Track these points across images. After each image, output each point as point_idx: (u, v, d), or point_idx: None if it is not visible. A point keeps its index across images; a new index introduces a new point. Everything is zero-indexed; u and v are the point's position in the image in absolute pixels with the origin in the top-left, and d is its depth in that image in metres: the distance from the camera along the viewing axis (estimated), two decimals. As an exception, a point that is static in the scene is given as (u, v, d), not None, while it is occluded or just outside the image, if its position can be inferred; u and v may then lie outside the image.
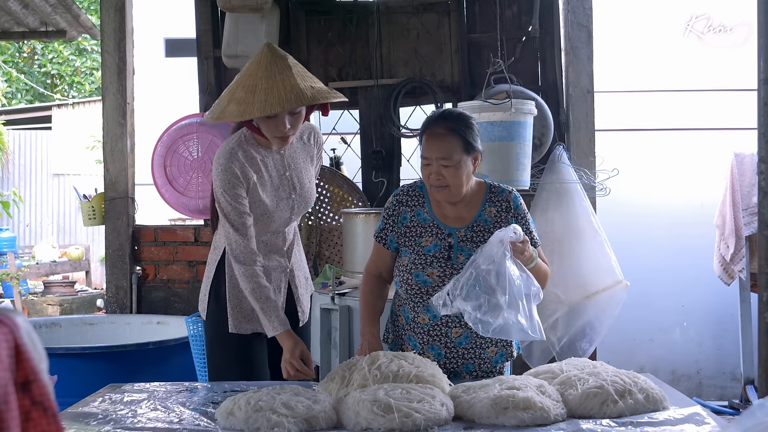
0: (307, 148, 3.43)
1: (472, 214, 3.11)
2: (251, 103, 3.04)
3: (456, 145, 3.01)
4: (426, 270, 3.06)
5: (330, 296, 4.21)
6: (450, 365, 3.08)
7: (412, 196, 3.17)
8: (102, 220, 5.64)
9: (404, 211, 3.14)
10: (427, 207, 3.13)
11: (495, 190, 3.15)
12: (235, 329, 3.30)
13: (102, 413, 2.58)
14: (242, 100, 3.06)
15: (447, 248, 3.06)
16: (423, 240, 3.09)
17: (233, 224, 3.18)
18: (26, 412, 1.24)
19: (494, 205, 3.12)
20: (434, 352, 3.08)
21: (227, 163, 3.17)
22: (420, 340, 3.10)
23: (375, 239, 3.22)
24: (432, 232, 3.09)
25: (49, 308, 9.35)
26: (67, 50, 18.90)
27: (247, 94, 3.06)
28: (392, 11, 5.58)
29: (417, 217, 3.13)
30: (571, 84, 5.34)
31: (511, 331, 2.78)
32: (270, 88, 3.05)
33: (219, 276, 3.35)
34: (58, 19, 6.94)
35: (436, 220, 3.10)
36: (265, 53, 3.13)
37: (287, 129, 3.13)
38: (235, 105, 3.07)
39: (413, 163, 5.60)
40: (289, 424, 2.33)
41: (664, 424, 2.40)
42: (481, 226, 3.08)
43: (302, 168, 3.38)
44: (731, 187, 5.79)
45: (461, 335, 3.05)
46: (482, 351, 3.09)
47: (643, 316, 6.40)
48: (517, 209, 3.12)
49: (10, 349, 1.23)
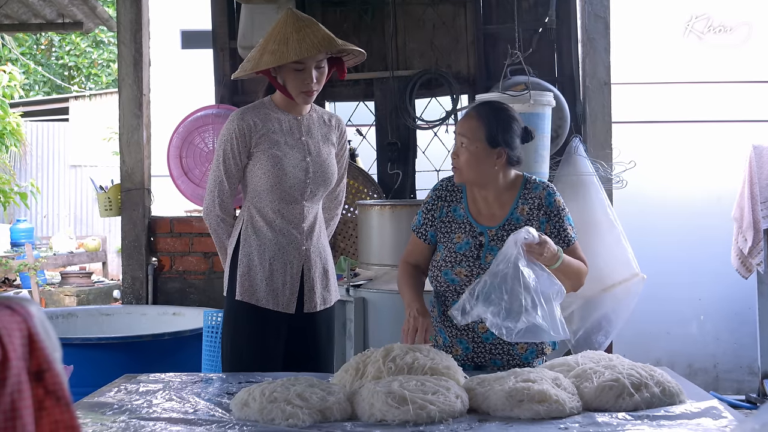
0: (327, 128, 3.49)
1: (504, 212, 3.08)
2: (285, 51, 3.21)
3: (478, 130, 3.01)
4: (454, 268, 3.04)
5: (345, 288, 4.21)
6: (478, 359, 3.07)
7: (451, 191, 3.16)
8: (118, 211, 5.65)
9: (442, 205, 3.14)
10: (464, 203, 3.11)
11: (530, 186, 3.11)
12: (240, 297, 3.33)
13: (117, 403, 2.59)
14: (276, 50, 3.23)
15: (477, 247, 3.04)
16: (455, 236, 3.07)
17: (211, 178, 3.41)
18: (39, 401, 1.24)
19: (527, 203, 3.08)
20: (462, 346, 3.08)
21: (230, 122, 3.36)
22: (449, 333, 3.10)
23: (413, 232, 3.20)
24: (464, 230, 3.07)
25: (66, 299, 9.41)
26: (84, 42, 18.97)
27: (280, 45, 3.23)
28: (408, 2, 5.56)
29: (453, 212, 3.11)
30: (587, 75, 5.31)
31: (535, 334, 2.76)
32: (302, 38, 3.23)
33: (236, 249, 3.39)
34: (75, 10, 6.97)
35: (470, 217, 3.08)
36: (290, 15, 3.32)
37: (313, 82, 3.27)
38: (269, 55, 3.24)
39: (428, 154, 5.59)
40: (304, 415, 2.33)
41: (680, 417, 2.37)
42: (513, 225, 3.04)
43: (320, 141, 3.44)
44: (749, 180, 5.74)
45: (488, 330, 3.02)
46: (511, 347, 3.05)
47: (660, 310, 6.36)
48: (549, 206, 3.07)
49: (24, 338, 1.23)
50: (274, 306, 3.34)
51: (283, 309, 3.36)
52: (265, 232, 3.35)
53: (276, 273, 3.35)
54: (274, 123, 3.36)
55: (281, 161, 3.31)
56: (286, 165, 3.32)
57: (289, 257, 3.38)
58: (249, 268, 3.35)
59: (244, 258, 3.35)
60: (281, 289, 3.35)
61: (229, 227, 3.44)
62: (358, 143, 5.70)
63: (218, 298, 4.84)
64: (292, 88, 3.30)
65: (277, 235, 3.35)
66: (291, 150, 3.34)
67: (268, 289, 3.34)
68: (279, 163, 3.31)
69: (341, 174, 3.61)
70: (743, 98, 6.52)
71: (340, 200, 3.69)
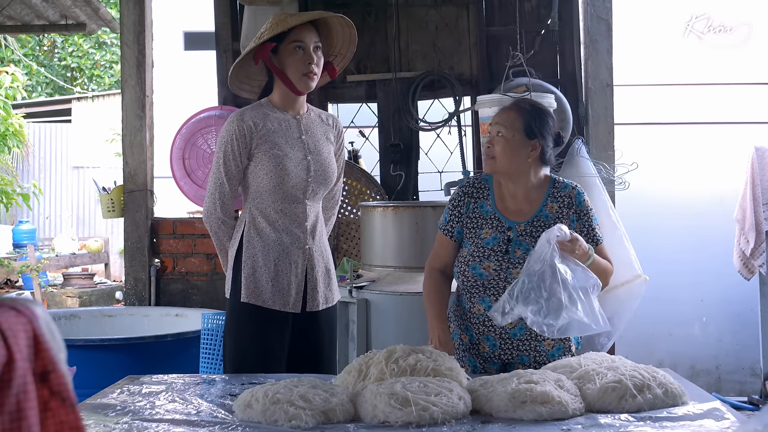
0: (325, 127, 3.52)
1: (533, 208, 3.11)
2: (285, 21, 3.30)
3: (516, 120, 3.08)
4: (483, 263, 3.06)
5: (348, 289, 4.21)
6: (504, 356, 3.08)
7: (478, 188, 3.19)
8: (121, 212, 5.66)
9: (469, 202, 3.17)
10: (491, 200, 3.15)
11: (558, 185, 3.15)
12: (246, 299, 3.33)
13: (120, 405, 2.59)
14: (275, 26, 3.31)
15: (506, 242, 3.06)
16: (483, 232, 3.10)
17: (212, 180, 3.40)
18: (45, 402, 1.24)
19: (556, 201, 3.11)
20: (489, 343, 3.09)
21: (230, 124, 3.36)
22: (476, 330, 3.12)
23: (440, 231, 3.22)
24: (492, 225, 3.10)
25: (69, 300, 9.41)
26: (87, 43, 18.98)
27: (279, 23, 3.31)
28: (411, 4, 5.57)
29: (480, 209, 3.14)
30: (590, 77, 5.31)
31: (576, 328, 2.77)
32: (299, 15, 3.42)
33: (239, 251, 3.39)
34: (78, 12, 6.97)
35: (497, 212, 3.11)
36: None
37: (313, 62, 3.31)
38: (268, 33, 3.31)
39: (431, 156, 5.59)
40: (307, 417, 2.33)
41: (683, 419, 2.37)
42: (541, 221, 3.08)
43: (319, 139, 3.46)
44: (751, 181, 5.75)
45: (515, 326, 3.03)
46: (538, 343, 3.08)
47: (663, 311, 6.37)
48: (579, 206, 3.12)
49: (29, 339, 1.23)
50: (280, 306, 3.34)
51: (290, 309, 3.36)
52: (269, 233, 3.35)
53: (281, 273, 3.35)
54: (274, 123, 3.36)
55: (283, 161, 3.32)
56: (288, 164, 3.32)
57: (294, 257, 3.38)
58: (254, 269, 3.34)
59: (249, 260, 3.35)
60: (287, 289, 3.36)
61: (230, 229, 3.44)
62: (360, 145, 5.70)
63: (221, 300, 4.84)
64: (292, 71, 3.32)
65: (281, 236, 3.36)
66: (291, 149, 3.35)
67: (274, 290, 3.34)
68: (281, 163, 3.31)
69: (339, 173, 3.62)
70: (745, 100, 6.53)
71: (337, 200, 3.71)
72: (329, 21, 3.43)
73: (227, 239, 3.45)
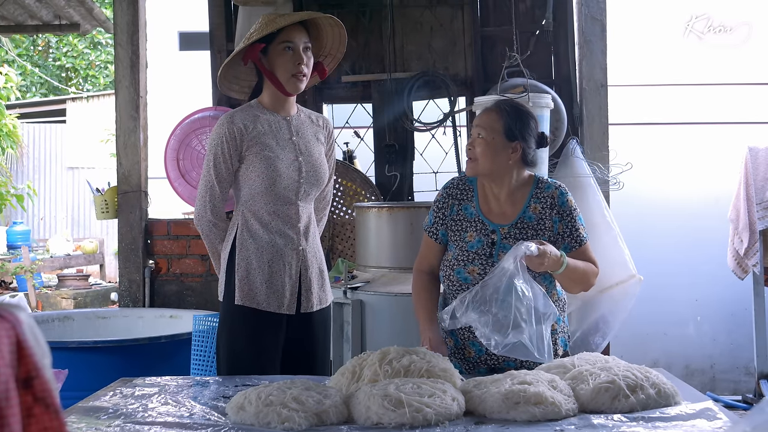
0: (315, 128, 3.51)
1: (516, 210, 3.09)
2: (275, 21, 3.29)
3: (497, 122, 3.06)
4: (467, 267, 3.05)
5: (342, 290, 4.21)
6: (491, 361, 3.07)
7: (462, 189, 3.18)
8: (115, 213, 5.65)
9: (453, 203, 3.15)
10: (475, 202, 3.13)
11: (542, 186, 3.13)
12: (240, 301, 3.32)
13: (113, 407, 2.58)
14: (264, 26, 3.30)
15: (490, 245, 3.05)
16: (467, 235, 3.08)
17: (202, 182, 3.39)
18: (28, 408, 1.23)
19: (539, 202, 3.09)
20: (475, 348, 3.07)
21: (220, 126, 3.35)
22: (461, 335, 3.10)
23: (425, 233, 3.21)
24: (476, 228, 3.08)
25: (63, 301, 9.40)
26: (82, 44, 18.97)
27: (269, 23, 3.30)
28: (405, 5, 5.56)
29: (464, 210, 3.13)
30: (584, 78, 5.31)
31: (520, 351, 2.76)
32: (289, 16, 3.39)
33: (232, 254, 3.38)
34: (72, 12, 6.96)
35: (481, 215, 3.10)
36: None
37: (303, 62, 3.31)
38: (257, 34, 3.30)
39: (426, 156, 5.59)
40: (300, 419, 2.33)
41: (675, 419, 2.38)
42: (525, 223, 3.06)
43: (310, 140, 3.45)
44: (745, 181, 5.75)
45: None
46: None
47: (657, 311, 6.37)
48: (562, 206, 3.09)
49: (12, 345, 1.22)
50: (275, 308, 3.33)
51: (285, 311, 3.36)
52: (262, 235, 3.34)
53: (276, 275, 3.34)
54: (264, 125, 3.36)
55: (274, 163, 3.31)
56: (280, 166, 3.32)
57: (288, 258, 3.37)
58: (248, 272, 3.33)
59: (242, 262, 3.34)
60: (281, 291, 3.35)
61: (222, 232, 3.43)
62: (355, 145, 5.70)
63: (215, 301, 4.82)
64: (282, 72, 3.32)
65: (274, 237, 3.35)
66: (282, 151, 3.35)
67: (268, 292, 3.33)
68: (272, 165, 3.31)
69: (330, 174, 3.62)
70: (740, 100, 6.53)
71: (328, 200, 3.70)
72: (319, 21, 3.42)
73: (219, 242, 3.44)
